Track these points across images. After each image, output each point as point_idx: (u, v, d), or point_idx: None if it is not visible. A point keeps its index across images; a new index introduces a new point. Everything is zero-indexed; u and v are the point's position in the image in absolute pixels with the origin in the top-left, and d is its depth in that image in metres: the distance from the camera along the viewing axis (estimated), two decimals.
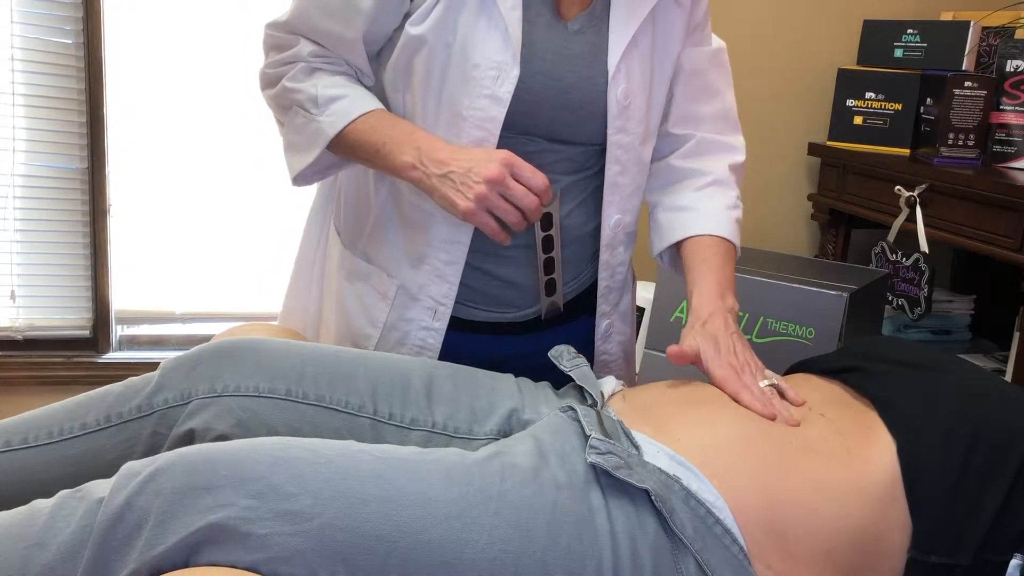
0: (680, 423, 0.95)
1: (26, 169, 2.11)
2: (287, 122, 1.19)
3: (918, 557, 0.86)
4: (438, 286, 1.19)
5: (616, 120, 1.16)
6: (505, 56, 1.09)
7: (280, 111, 1.21)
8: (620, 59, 1.14)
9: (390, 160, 1.10)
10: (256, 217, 2.26)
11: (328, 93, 1.14)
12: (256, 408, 0.98)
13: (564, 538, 0.81)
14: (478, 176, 1.04)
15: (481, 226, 1.06)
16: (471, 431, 1.02)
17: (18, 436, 0.98)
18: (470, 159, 1.05)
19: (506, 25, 1.09)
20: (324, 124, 1.13)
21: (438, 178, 1.06)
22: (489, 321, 1.23)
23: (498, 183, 1.03)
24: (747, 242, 2.11)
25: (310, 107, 1.14)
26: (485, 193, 1.03)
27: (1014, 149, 1.91)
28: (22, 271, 2.16)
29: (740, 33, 2.27)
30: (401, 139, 1.10)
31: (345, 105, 1.13)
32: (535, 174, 1.05)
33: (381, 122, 1.13)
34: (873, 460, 0.90)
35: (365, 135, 1.12)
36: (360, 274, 1.25)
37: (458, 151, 1.08)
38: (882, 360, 1.03)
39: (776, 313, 1.40)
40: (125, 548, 0.78)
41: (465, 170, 1.05)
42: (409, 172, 1.08)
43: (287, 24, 1.16)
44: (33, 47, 2.05)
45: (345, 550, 0.78)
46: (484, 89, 1.10)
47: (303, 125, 1.16)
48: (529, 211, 1.05)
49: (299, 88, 1.15)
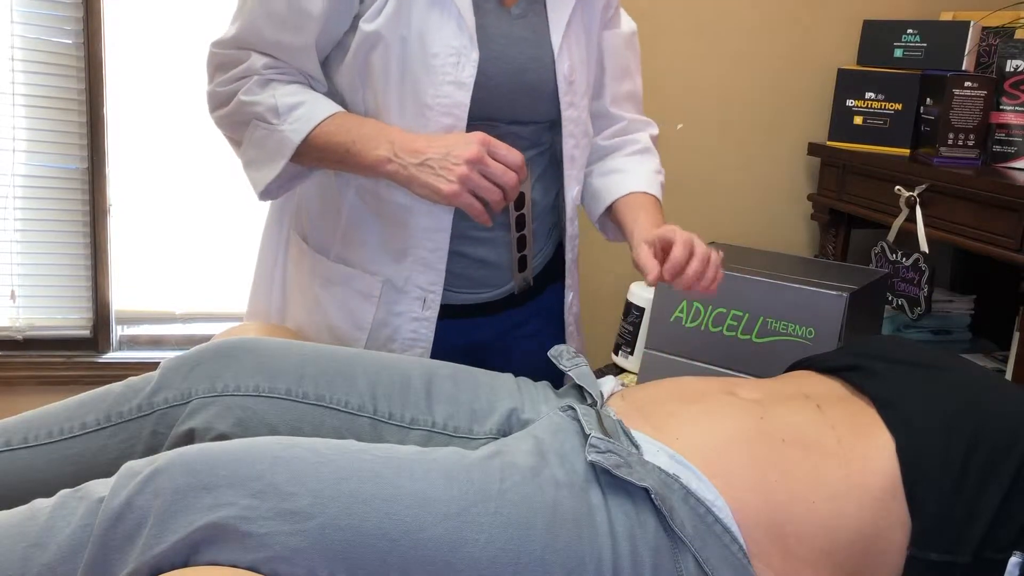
0: (679, 422, 0.95)
1: (26, 169, 2.10)
2: (245, 138, 1.18)
3: (917, 555, 0.86)
4: (425, 275, 1.20)
5: (565, 96, 1.21)
6: (462, 41, 1.12)
7: (236, 128, 1.19)
8: (562, 38, 1.20)
9: (363, 157, 1.10)
10: (256, 217, 2.26)
11: (288, 101, 1.13)
12: (256, 408, 0.98)
13: (564, 537, 0.81)
14: (457, 158, 1.05)
15: (465, 207, 1.07)
16: (471, 431, 1.02)
17: (18, 436, 0.98)
18: (446, 144, 1.07)
19: (459, 11, 1.11)
20: (288, 132, 1.13)
21: (415, 167, 1.07)
22: (468, 303, 1.25)
23: (478, 162, 1.05)
24: (747, 242, 2.11)
25: (271, 117, 1.14)
26: (467, 174, 1.05)
27: (1014, 149, 1.91)
28: (22, 271, 2.16)
29: (740, 33, 2.27)
30: (371, 135, 1.11)
31: (306, 111, 1.13)
32: (510, 151, 1.08)
33: (347, 122, 1.13)
34: (872, 458, 0.90)
35: (333, 137, 1.12)
36: (338, 279, 1.25)
37: (432, 139, 1.09)
38: (882, 359, 1.03)
39: (776, 313, 1.40)
40: (125, 547, 0.78)
41: (443, 154, 1.06)
42: (385, 166, 1.09)
43: (235, 39, 1.16)
44: (33, 47, 2.05)
45: (345, 549, 0.78)
46: (446, 76, 1.12)
47: (264, 137, 1.15)
48: (508, 187, 1.07)
49: (256, 100, 1.14)
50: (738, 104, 2.30)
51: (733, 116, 2.30)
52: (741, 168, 2.34)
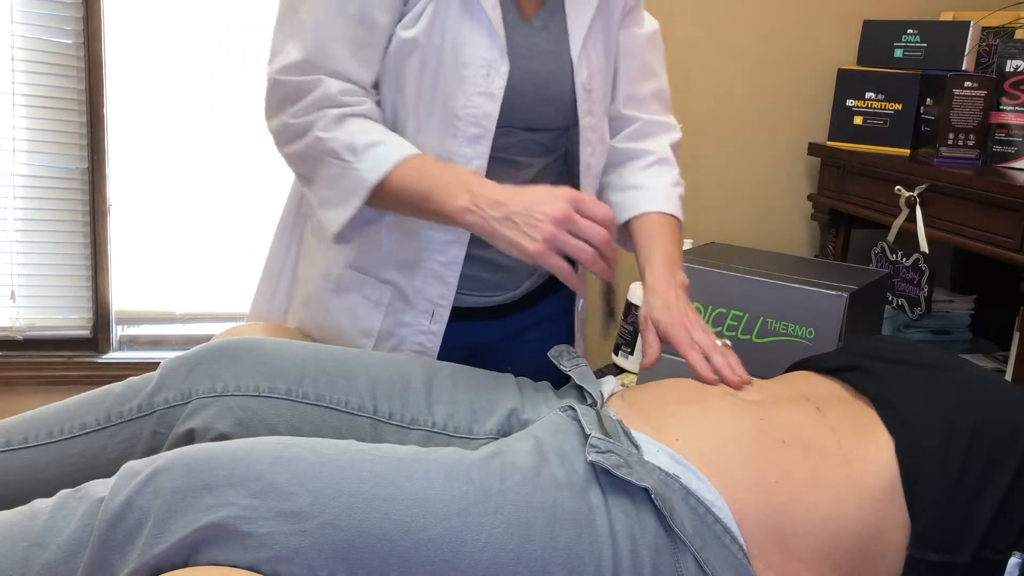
0: (679, 422, 0.95)
1: (26, 169, 2.10)
2: (318, 176, 1.12)
3: (917, 555, 0.86)
4: (435, 287, 1.19)
5: (583, 104, 1.20)
6: (493, 54, 1.11)
7: (309, 164, 1.12)
8: (581, 47, 1.19)
9: (442, 206, 1.05)
10: (256, 217, 2.26)
11: (365, 140, 1.08)
12: (256, 408, 0.98)
13: (564, 537, 0.81)
14: (543, 215, 0.99)
15: (553, 268, 1.00)
16: (471, 431, 1.02)
17: (18, 436, 0.98)
18: (530, 198, 1.01)
19: (491, 23, 1.11)
20: (364, 172, 1.07)
21: (498, 220, 1.01)
22: (477, 306, 1.25)
23: (565, 221, 0.99)
24: (747, 242, 2.11)
25: (346, 155, 1.08)
26: (554, 232, 0.98)
27: (1014, 149, 1.91)
28: (22, 271, 2.16)
29: (741, 33, 2.27)
30: (450, 183, 1.05)
31: (384, 151, 1.08)
32: (598, 205, 1.01)
33: (425, 167, 1.08)
34: (872, 459, 0.90)
35: (410, 183, 1.07)
36: (351, 285, 1.24)
37: (514, 190, 1.03)
38: (881, 359, 1.03)
39: (776, 313, 1.40)
40: (125, 547, 0.78)
41: (527, 210, 1.00)
42: (465, 217, 1.04)
43: (303, 65, 1.10)
44: (33, 47, 2.05)
45: (345, 549, 0.78)
46: (477, 87, 1.11)
47: (339, 176, 1.09)
48: (601, 244, 1.00)
49: (333, 137, 1.08)
50: (738, 104, 2.30)
51: (733, 116, 2.30)
52: (741, 168, 2.34)
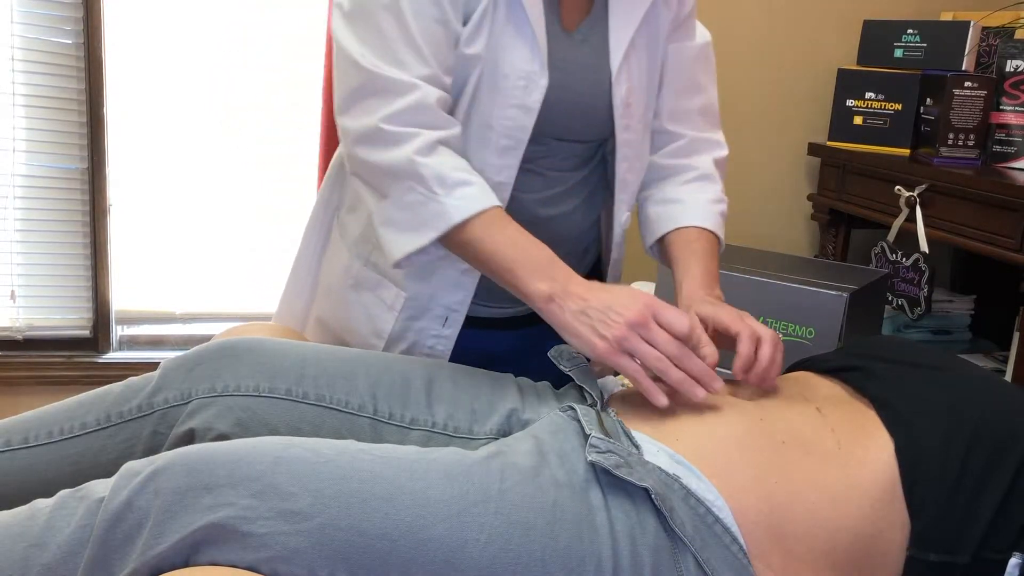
0: (680, 423, 0.95)
1: (26, 169, 2.10)
2: (394, 195, 1.06)
3: (917, 556, 0.86)
4: (452, 294, 1.18)
5: (621, 119, 1.17)
6: (533, 67, 1.09)
7: (387, 179, 1.06)
8: (621, 61, 1.15)
9: (523, 284, 1.02)
10: (256, 217, 2.26)
11: (457, 176, 1.04)
12: (256, 408, 0.98)
13: (564, 537, 0.81)
14: (618, 316, 0.96)
15: (620, 369, 0.98)
16: (471, 431, 1.02)
17: (18, 436, 0.98)
18: (610, 297, 0.99)
19: (534, 34, 1.08)
20: (450, 207, 1.03)
21: (573, 313, 0.99)
22: (492, 317, 1.24)
23: (639, 326, 0.96)
24: (747, 242, 2.11)
25: (435, 185, 1.03)
26: (625, 335, 0.96)
27: (1014, 149, 1.91)
28: (22, 271, 2.16)
29: (740, 33, 2.27)
30: (538, 264, 1.02)
31: (473, 192, 1.04)
32: (678, 317, 0.97)
33: (510, 230, 1.04)
34: (871, 459, 0.90)
35: (494, 242, 1.03)
36: (367, 284, 1.23)
37: (596, 287, 1.01)
38: (881, 359, 1.03)
39: (776, 313, 1.40)
40: (125, 548, 0.78)
41: (605, 308, 0.98)
42: (542, 302, 1.01)
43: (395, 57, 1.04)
44: (33, 47, 2.05)
45: (345, 549, 0.78)
46: (513, 99, 1.09)
47: (418, 203, 1.04)
48: (672, 356, 0.96)
49: (426, 163, 1.03)
50: (738, 104, 2.30)
51: (733, 116, 2.29)
52: (741, 168, 2.33)
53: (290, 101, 2.22)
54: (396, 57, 1.04)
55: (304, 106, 2.20)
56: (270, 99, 2.21)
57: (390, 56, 1.04)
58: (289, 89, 2.21)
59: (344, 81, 1.08)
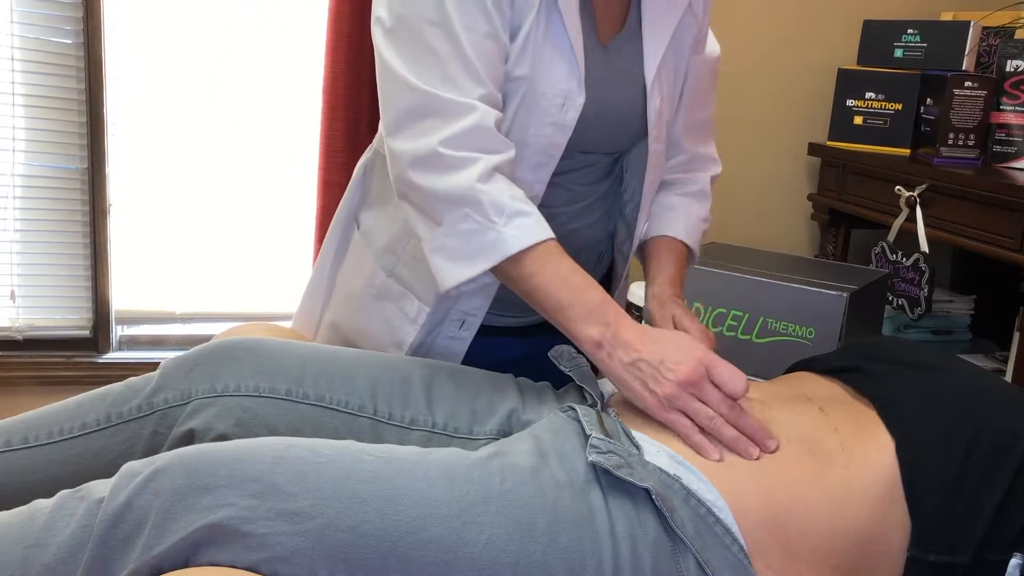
0: None
1: (26, 169, 2.10)
2: (447, 222, 1.01)
3: (918, 556, 0.86)
4: (471, 301, 1.17)
5: (653, 130, 1.17)
6: (571, 84, 1.07)
7: (443, 206, 1.01)
8: (655, 73, 1.15)
9: (574, 326, 1.00)
10: (256, 217, 2.26)
11: (515, 206, 1.00)
12: (256, 408, 0.98)
13: (564, 537, 0.81)
14: (670, 373, 0.94)
15: (670, 425, 0.94)
16: (471, 431, 1.02)
17: (18, 436, 0.98)
18: (663, 349, 0.96)
19: (573, 51, 1.06)
20: (508, 236, 0.99)
21: (624, 365, 0.97)
22: (506, 326, 1.24)
23: (691, 385, 0.93)
24: (747, 242, 2.11)
25: (492, 214, 0.99)
26: (676, 394, 0.93)
27: (1014, 149, 1.91)
28: (22, 271, 2.15)
29: (740, 33, 2.27)
30: (592, 308, 1.00)
31: (531, 223, 1.01)
32: (733, 377, 0.94)
33: (564, 268, 1.02)
34: (872, 459, 0.90)
35: (548, 279, 1.00)
36: (391, 295, 1.21)
37: (648, 335, 0.98)
38: (882, 360, 1.03)
39: (776, 313, 1.40)
40: (125, 548, 0.78)
41: (657, 362, 0.95)
42: (592, 348, 0.99)
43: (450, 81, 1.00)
44: (33, 47, 2.05)
45: (345, 550, 0.78)
46: (549, 117, 1.07)
47: (474, 232, 1.00)
48: (727, 417, 0.93)
49: (486, 190, 0.99)
50: (738, 104, 2.30)
51: (733, 116, 2.30)
52: (741, 168, 2.34)
53: (290, 101, 2.22)
54: (448, 76, 1.00)
55: (304, 106, 2.20)
56: (270, 99, 2.21)
57: (441, 75, 1.00)
58: (289, 88, 2.21)
59: (393, 102, 1.03)
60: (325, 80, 2.03)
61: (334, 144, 2.05)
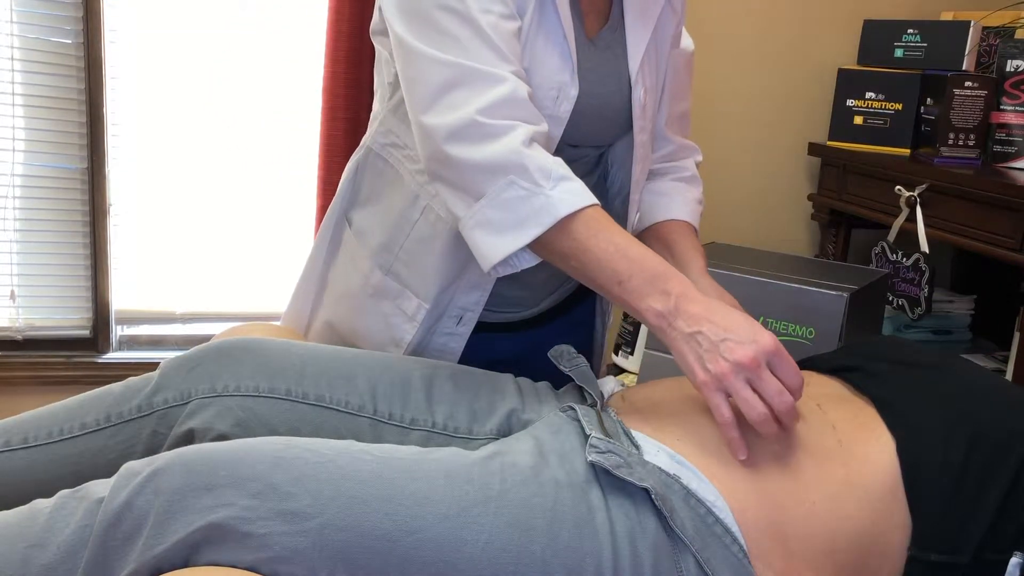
0: (680, 423, 0.95)
1: (26, 169, 2.10)
2: (491, 192, 0.97)
3: (918, 556, 0.86)
4: (468, 295, 1.17)
5: (638, 121, 1.19)
6: (564, 76, 1.08)
7: (486, 177, 0.97)
8: (639, 66, 1.17)
9: (632, 296, 0.95)
10: (256, 217, 2.26)
11: (560, 171, 0.98)
12: (256, 408, 0.98)
13: (564, 537, 0.81)
14: (730, 353, 0.89)
15: (713, 409, 0.91)
16: (471, 431, 1.02)
17: (18, 436, 0.98)
18: (727, 327, 0.91)
19: (566, 43, 1.07)
20: (557, 200, 0.95)
21: (683, 335, 0.92)
22: (497, 322, 1.24)
23: (748, 369, 0.89)
24: (747, 242, 2.11)
25: (540, 178, 0.96)
26: (728, 373, 0.89)
27: (1014, 149, 1.91)
28: (22, 271, 2.16)
29: (740, 33, 2.27)
30: (653, 276, 0.95)
31: (577, 188, 0.98)
32: (792, 371, 0.90)
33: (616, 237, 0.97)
34: (873, 459, 0.90)
35: (603, 251, 0.96)
36: (388, 294, 1.21)
37: (715, 310, 0.93)
38: (882, 360, 1.03)
39: (776, 313, 1.40)
40: (125, 548, 0.78)
41: (718, 339, 0.90)
42: (653, 319, 0.94)
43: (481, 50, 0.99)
44: (33, 47, 2.05)
45: (345, 550, 0.78)
46: (544, 110, 1.06)
47: (520, 200, 0.96)
48: (780, 411, 0.89)
49: (530, 155, 0.96)
50: (738, 104, 2.30)
51: (733, 116, 2.30)
52: (741, 168, 2.34)
53: (290, 101, 2.22)
54: (474, 53, 0.98)
55: (304, 106, 2.20)
56: (270, 99, 2.21)
57: (465, 54, 0.98)
58: (289, 88, 2.21)
59: (422, 79, 1.00)
60: (325, 80, 2.03)
61: (334, 144, 2.05)
